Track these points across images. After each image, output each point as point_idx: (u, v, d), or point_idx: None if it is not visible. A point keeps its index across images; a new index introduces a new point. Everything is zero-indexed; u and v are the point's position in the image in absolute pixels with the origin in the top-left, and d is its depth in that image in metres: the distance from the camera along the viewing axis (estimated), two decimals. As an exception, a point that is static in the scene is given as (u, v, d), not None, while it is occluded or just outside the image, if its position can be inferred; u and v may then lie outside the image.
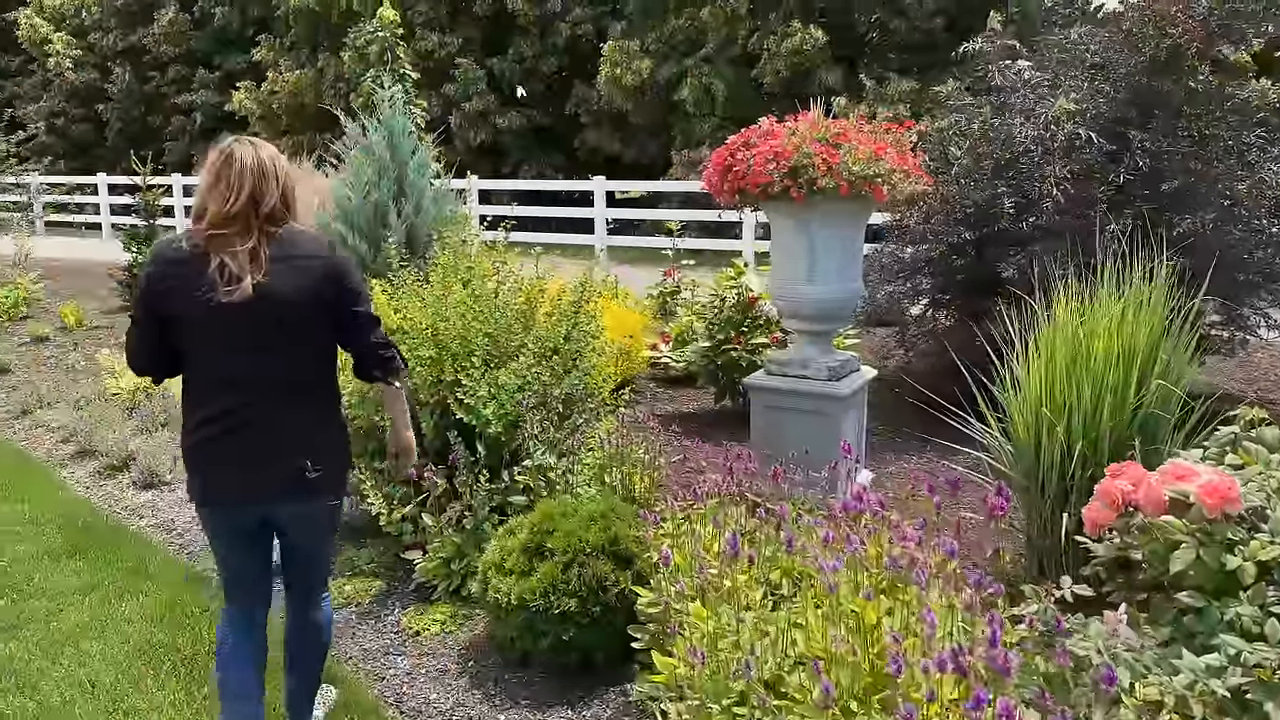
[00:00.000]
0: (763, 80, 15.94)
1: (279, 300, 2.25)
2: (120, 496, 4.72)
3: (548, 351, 3.74)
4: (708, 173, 4.29)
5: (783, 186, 3.90)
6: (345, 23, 19.44)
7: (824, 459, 4.28)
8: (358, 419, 3.70)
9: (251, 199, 2.25)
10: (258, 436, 2.30)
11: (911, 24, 15.42)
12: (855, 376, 4.39)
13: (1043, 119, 5.00)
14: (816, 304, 4.22)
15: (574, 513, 3.04)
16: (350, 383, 3.68)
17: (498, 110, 18.56)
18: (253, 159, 2.28)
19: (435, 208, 7.01)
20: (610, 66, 16.96)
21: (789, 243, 4.20)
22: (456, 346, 3.63)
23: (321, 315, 2.33)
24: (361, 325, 2.41)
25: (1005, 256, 5.27)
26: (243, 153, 2.29)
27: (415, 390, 3.63)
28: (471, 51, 18.87)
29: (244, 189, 2.24)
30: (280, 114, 20.39)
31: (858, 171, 3.88)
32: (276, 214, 2.28)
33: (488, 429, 3.53)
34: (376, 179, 6.78)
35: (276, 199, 2.28)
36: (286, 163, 2.38)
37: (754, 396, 4.46)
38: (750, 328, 5.51)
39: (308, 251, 2.32)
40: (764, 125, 4.22)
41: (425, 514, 3.52)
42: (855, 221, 4.23)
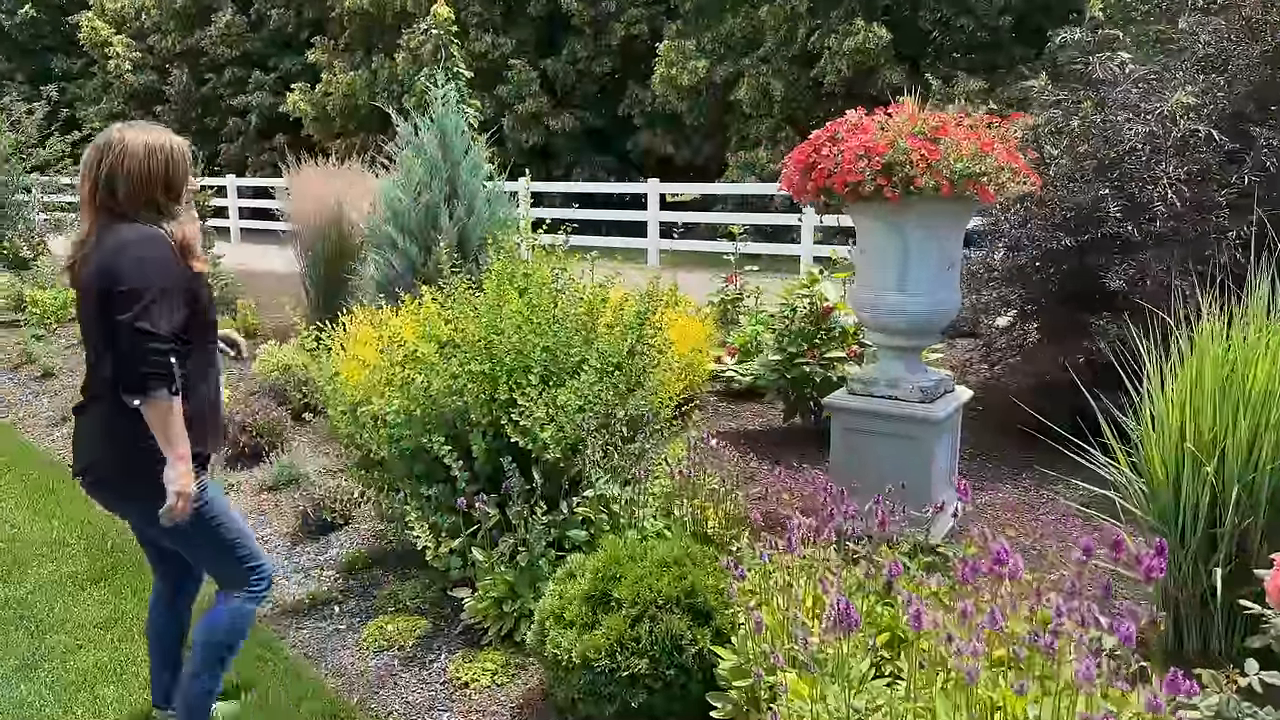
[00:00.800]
0: (823, 79, 15.45)
1: (82, 293, 2.27)
2: (154, 513, 4.45)
3: (609, 367, 3.38)
4: (787, 172, 3.90)
5: (875, 186, 3.50)
6: (399, 24, 19.36)
7: (912, 489, 3.87)
8: (404, 439, 3.36)
9: (91, 182, 2.26)
10: (77, 429, 2.43)
11: (979, 21, 14.84)
12: (949, 398, 3.96)
13: (1156, 114, 4.51)
14: (908, 317, 3.80)
15: (643, 556, 2.66)
16: (394, 400, 3.36)
17: (550, 112, 18.30)
18: (102, 141, 2.28)
19: (488, 210, 6.71)
20: (666, 66, 16.59)
21: (878, 248, 3.78)
22: (512, 361, 3.27)
23: (102, 316, 2.20)
24: (120, 334, 2.14)
25: (1111, 265, 4.79)
26: (103, 135, 2.30)
27: (466, 409, 3.28)
28: (525, 53, 18.63)
29: (85, 172, 2.27)
30: (334, 115, 20.35)
31: (961, 169, 3.46)
32: (107, 202, 2.26)
33: (544, 454, 3.17)
34: (428, 180, 6.48)
35: (102, 185, 2.25)
36: (154, 151, 2.28)
37: (835, 418, 4.05)
38: (824, 340, 5.09)
39: (107, 246, 2.21)
40: (851, 118, 3.81)
41: (476, 548, 3.16)
42: (954, 225, 3.80)
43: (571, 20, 18.32)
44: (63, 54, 25.96)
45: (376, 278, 6.69)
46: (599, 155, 19.27)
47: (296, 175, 8.01)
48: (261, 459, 4.96)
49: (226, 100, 22.84)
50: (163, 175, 2.29)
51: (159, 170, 2.29)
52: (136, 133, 2.30)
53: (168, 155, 2.31)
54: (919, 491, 3.87)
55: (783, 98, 15.85)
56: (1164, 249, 4.47)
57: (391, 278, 6.56)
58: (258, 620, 3.34)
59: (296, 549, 3.95)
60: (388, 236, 6.55)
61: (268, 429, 4.98)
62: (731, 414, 5.80)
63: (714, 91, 16.77)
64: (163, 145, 2.31)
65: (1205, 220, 4.45)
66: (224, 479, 4.77)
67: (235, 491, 4.65)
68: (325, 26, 21.51)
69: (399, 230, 6.52)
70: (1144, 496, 3.10)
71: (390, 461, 3.45)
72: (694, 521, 3.20)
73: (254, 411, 5.03)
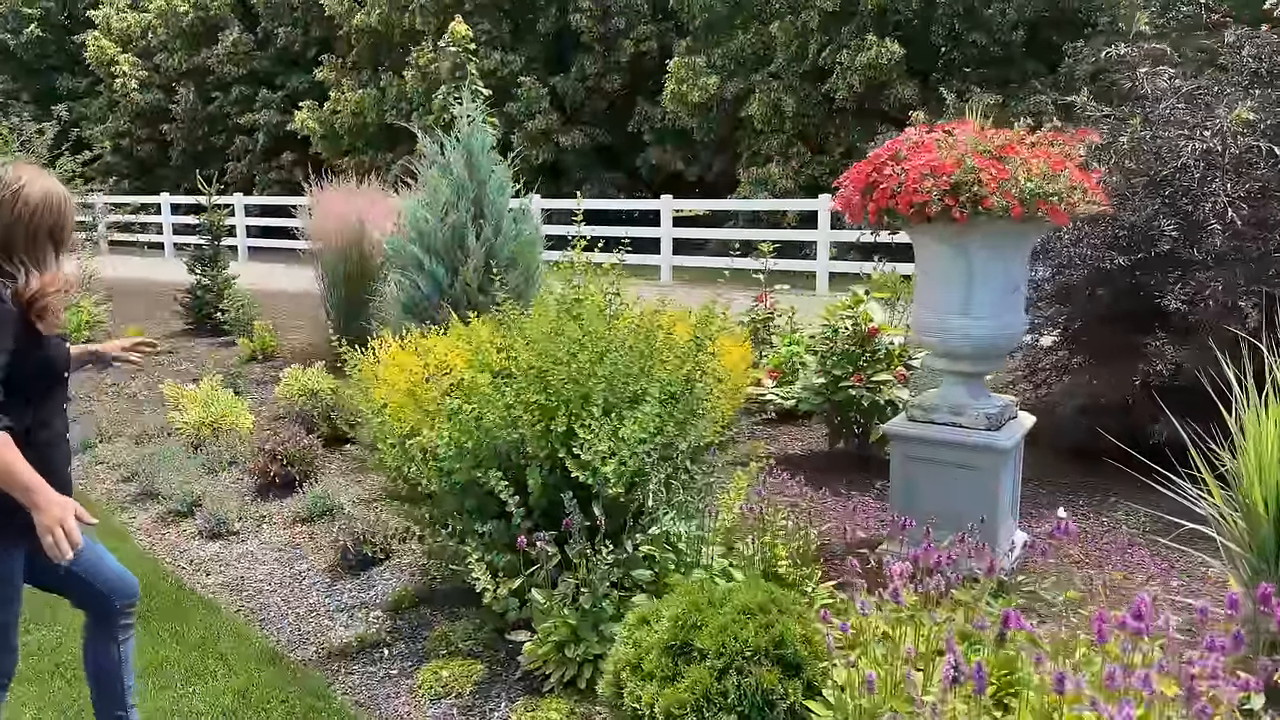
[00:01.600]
0: (835, 95, 15.38)
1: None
2: (185, 548, 4.30)
3: (669, 397, 3.24)
4: (844, 192, 3.76)
5: (943, 206, 3.37)
6: (407, 42, 19.33)
7: (977, 520, 3.72)
8: (455, 473, 3.22)
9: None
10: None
11: (992, 36, 14.78)
12: (1014, 425, 3.82)
13: (1215, 130, 4.39)
14: (973, 341, 3.66)
15: (723, 602, 2.52)
16: (445, 432, 3.22)
17: (560, 129, 18.24)
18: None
19: (514, 229, 6.59)
20: (676, 83, 16.54)
21: (942, 270, 3.65)
22: (570, 391, 3.13)
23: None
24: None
25: (1166, 285, 4.66)
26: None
27: (523, 441, 3.14)
28: (534, 70, 18.59)
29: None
30: (342, 133, 20.30)
31: (1032, 189, 3.33)
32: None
33: (607, 488, 3.02)
34: (455, 200, 6.36)
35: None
36: (27, 201, 2.22)
37: (894, 446, 3.91)
38: (869, 362, 4.95)
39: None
40: (913, 135, 3.68)
41: (535, 589, 3.02)
42: (1020, 246, 3.67)
43: (581, 37, 18.29)
44: (68, 73, 25.95)
45: (401, 299, 6.56)
46: (609, 172, 19.21)
47: (318, 194, 7.89)
48: (294, 489, 4.81)
49: (233, 118, 22.80)
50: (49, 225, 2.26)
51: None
52: (30, 181, 2.25)
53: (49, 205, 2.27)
54: (984, 524, 3.72)
55: (794, 113, 15.79)
56: (1225, 268, 4.34)
57: (417, 299, 6.43)
58: (305, 666, 3.19)
59: (337, 586, 3.80)
60: (413, 257, 6.42)
61: (299, 458, 4.83)
62: (770, 438, 5.66)
63: (724, 107, 16.71)
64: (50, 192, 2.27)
65: (1268, 238, 4.32)
66: (256, 510, 4.62)
67: (267, 524, 4.50)
68: (333, 45, 21.50)
69: (425, 251, 6.39)
70: (1240, 531, 2.96)
71: (440, 496, 3.31)
72: (764, 560, 3.05)
73: (284, 440, 4.89)
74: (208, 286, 9.57)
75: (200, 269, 9.64)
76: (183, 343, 9.25)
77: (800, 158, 15.92)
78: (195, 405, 5.64)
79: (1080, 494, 4.66)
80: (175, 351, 8.80)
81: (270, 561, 4.08)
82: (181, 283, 10.47)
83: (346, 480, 5.01)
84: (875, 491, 4.73)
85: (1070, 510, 4.48)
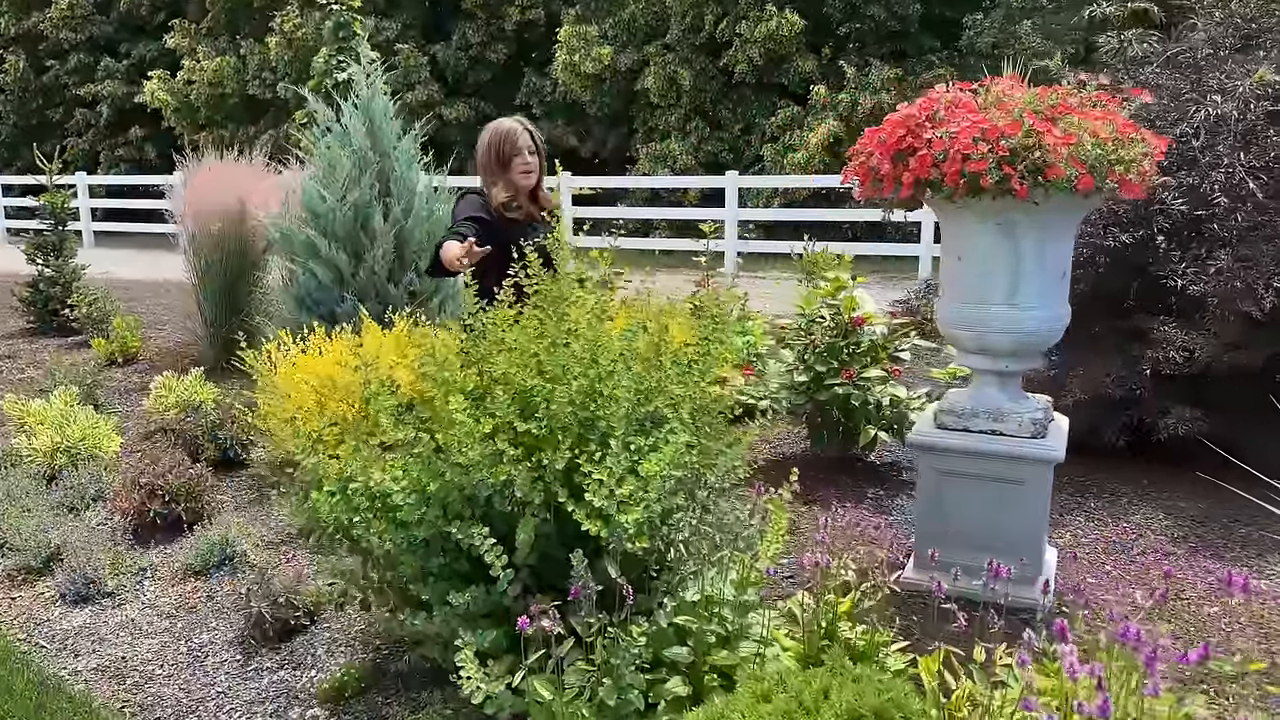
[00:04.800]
0: (733, 69, 14.89)
1: None
2: (44, 618, 3.38)
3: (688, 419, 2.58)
4: (866, 161, 3.17)
5: (1001, 175, 2.81)
6: (270, 6, 17.79)
7: (1021, 540, 3.22)
8: (417, 525, 2.48)
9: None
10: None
11: (889, 10, 14.54)
12: (1056, 430, 3.32)
13: (1236, 94, 4.00)
14: (1018, 335, 3.13)
15: (817, 709, 1.88)
16: (406, 475, 2.48)
17: (443, 100, 17.14)
18: None
19: (427, 209, 5.76)
20: (567, 53, 15.72)
21: (984, 254, 3.10)
22: (570, 418, 2.42)
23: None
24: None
25: (1168, 264, 4.27)
26: None
27: (507, 484, 2.42)
28: (412, 37, 17.41)
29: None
30: (199, 106, 18.58)
31: (1103, 156, 2.81)
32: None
33: (623, 542, 2.34)
34: (357, 174, 5.49)
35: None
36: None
37: (922, 459, 3.36)
38: (853, 356, 4.40)
39: None
40: (945, 94, 3.10)
41: (538, 680, 2.31)
42: (1070, 225, 3.16)
43: (462, 4, 17.19)
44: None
45: (295, 292, 5.65)
46: (495, 148, 18.20)
47: (188, 171, 6.82)
48: (180, 531, 3.92)
49: (72, 90, 20.63)
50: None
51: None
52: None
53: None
54: (1028, 543, 3.23)
55: (691, 87, 15.22)
56: (1246, 245, 3.97)
57: (314, 291, 5.54)
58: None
59: (253, 665, 2.98)
60: (308, 243, 5.52)
61: (185, 492, 3.94)
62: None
63: (618, 80, 15.99)
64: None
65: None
66: (134, 562, 3.72)
67: (151, 579, 3.61)
68: (184, 9, 19.66)
69: (322, 235, 5.49)
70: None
71: (396, 557, 2.55)
72: (825, 624, 2.43)
73: (164, 470, 3.98)
74: (52, 278, 8.28)
75: (42, 258, 8.33)
76: (24, 345, 7.97)
77: (699, 133, 15.39)
78: (46, 427, 4.63)
79: (1088, 496, 4.24)
80: (15, 356, 7.54)
81: (160, 633, 3.22)
82: (19, 274, 9.10)
83: (246, 515, 4.14)
84: (871, 502, 4.20)
85: (1086, 516, 4.05)
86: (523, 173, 3.38)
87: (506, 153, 3.36)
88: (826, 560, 2.40)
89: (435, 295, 5.74)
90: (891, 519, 4.02)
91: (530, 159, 3.40)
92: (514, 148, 3.36)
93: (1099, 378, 4.29)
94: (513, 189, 3.37)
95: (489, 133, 3.40)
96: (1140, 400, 4.24)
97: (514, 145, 3.36)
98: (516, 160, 3.37)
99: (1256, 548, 3.69)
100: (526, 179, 3.40)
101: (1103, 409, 4.34)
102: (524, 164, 3.38)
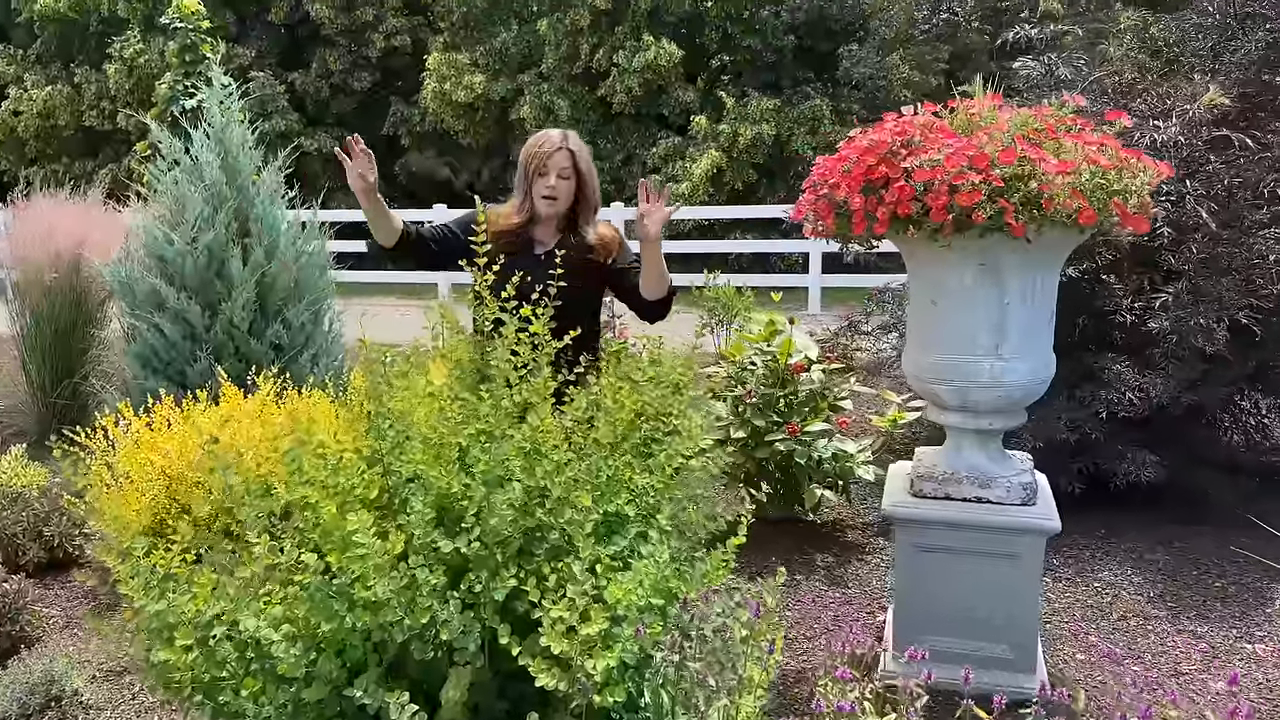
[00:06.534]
0: (611, 99, 14.55)
1: None
2: None
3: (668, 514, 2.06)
4: (822, 195, 2.73)
5: (995, 210, 2.42)
6: (108, 31, 16.46)
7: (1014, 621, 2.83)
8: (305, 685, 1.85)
9: None
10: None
11: (765, 41, 14.52)
12: (1043, 493, 2.95)
13: (1181, 116, 3.79)
14: (1005, 390, 2.75)
15: None
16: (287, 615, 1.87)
17: (303, 130, 16.16)
18: None
19: (294, 250, 5.05)
20: (438, 80, 15.09)
21: (966, 298, 2.71)
22: (512, 529, 1.86)
23: None
24: None
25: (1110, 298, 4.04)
26: None
27: (427, 627, 1.83)
28: (268, 64, 16.39)
29: None
30: (27, 138, 16.97)
31: (1107, 187, 2.46)
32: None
33: (589, 694, 1.79)
34: (210, 213, 4.75)
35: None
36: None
37: (901, 531, 2.93)
38: (791, 408, 3.98)
39: None
40: (915, 118, 2.71)
41: None
42: (1056, 263, 2.80)
43: (321, 30, 16.31)
44: None
45: (138, 350, 4.83)
46: (362, 181, 17.29)
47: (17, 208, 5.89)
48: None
49: (-125, 120, 18.57)
50: None
51: None
52: None
53: None
54: (1022, 625, 2.84)
55: (569, 117, 14.79)
56: (1204, 278, 3.74)
57: (162, 350, 4.74)
58: None
59: None
60: (152, 292, 4.72)
61: (3, 612, 3.14)
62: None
63: (492, 110, 15.43)
64: None
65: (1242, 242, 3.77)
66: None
67: (-54, 736, 2.81)
68: (8, 34, 18.01)
69: (170, 283, 4.71)
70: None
71: (276, 723, 1.92)
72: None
73: (-31, 585, 3.17)
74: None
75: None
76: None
77: (579, 164, 14.94)
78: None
79: (1050, 553, 3.90)
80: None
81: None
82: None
83: (80, 635, 3.36)
84: (823, 573, 3.76)
85: (1051, 576, 3.71)
86: (543, 197, 2.89)
87: (532, 169, 2.89)
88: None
89: (306, 349, 5.02)
90: (848, 592, 3.60)
91: (557, 183, 2.88)
92: (541, 165, 2.88)
93: (1051, 421, 3.99)
94: (527, 214, 2.91)
95: (528, 143, 2.95)
96: (1095, 445, 3.96)
97: (542, 163, 2.87)
98: (540, 182, 2.88)
99: (1238, 605, 3.42)
100: (547, 206, 2.90)
101: (1057, 455, 4.05)
102: (546, 187, 2.88)
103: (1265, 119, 4.03)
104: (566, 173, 2.90)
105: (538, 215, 2.92)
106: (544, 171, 2.87)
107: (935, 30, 12.54)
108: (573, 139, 2.96)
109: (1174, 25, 4.38)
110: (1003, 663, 2.79)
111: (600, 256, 2.95)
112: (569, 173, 2.90)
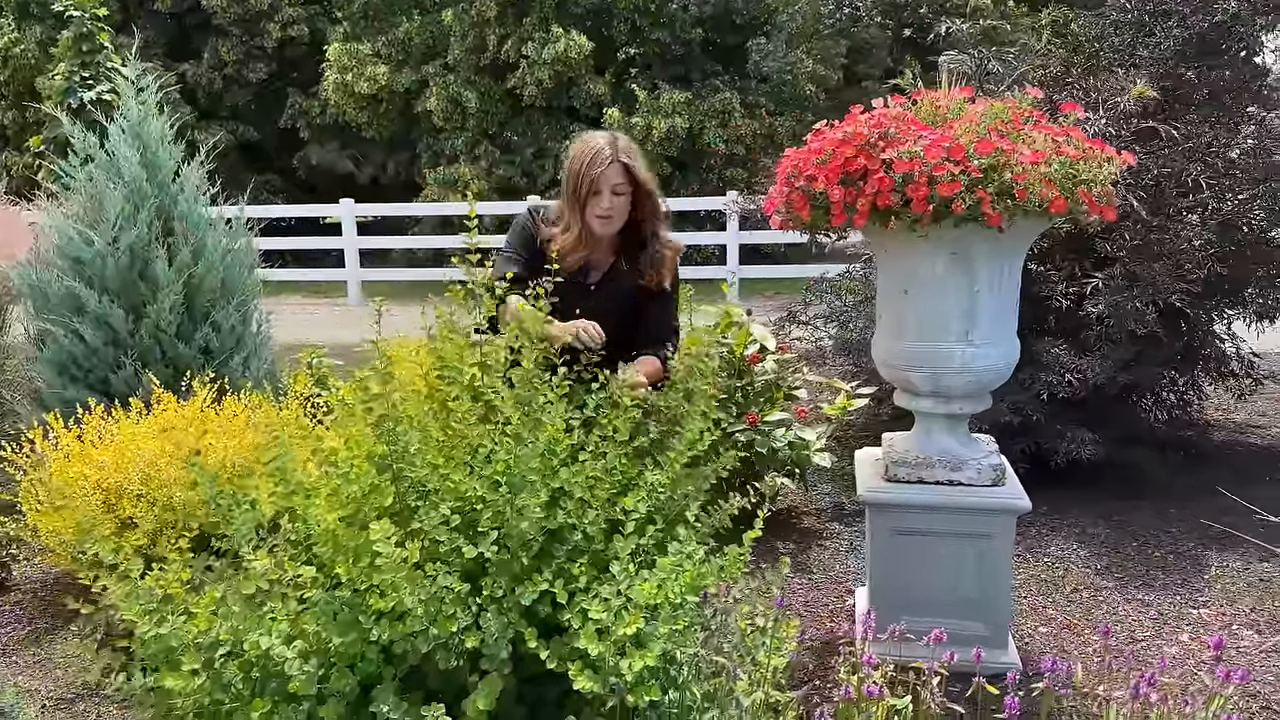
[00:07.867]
0: (521, 91, 14.38)
1: None
2: None
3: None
4: (798, 186, 2.75)
5: (973, 201, 2.48)
6: (-25, 17, 15.42)
7: (987, 600, 2.93)
8: (326, 702, 1.78)
9: None
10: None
11: (674, 34, 14.57)
12: (1010, 474, 3.05)
13: (1117, 110, 3.96)
14: (974, 374, 2.83)
15: None
16: (297, 630, 1.80)
17: (196, 124, 15.47)
18: None
19: (219, 251, 4.83)
20: (339, 72, 14.64)
21: (938, 287, 2.77)
22: (533, 530, 1.82)
23: None
24: None
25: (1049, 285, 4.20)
26: None
27: (454, 636, 1.78)
28: (155, 55, 15.62)
29: None
30: (-110, 133, 15.81)
31: (1076, 176, 2.55)
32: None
33: (622, 694, 1.77)
34: (131, 211, 4.52)
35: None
36: None
37: (875, 516, 2.99)
38: (748, 398, 4.02)
39: None
40: (886, 110, 2.76)
41: None
42: (1024, 249, 2.90)
43: (213, 19, 15.64)
44: None
45: (54, 357, 4.55)
46: (259, 174, 16.64)
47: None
48: (-79, 701, 2.89)
49: None
50: None
51: None
52: None
53: None
54: (996, 602, 2.94)
55: (477, 109, 14.57)
56: (1137, 264, 3.92)
57: (82, 356, 4.48)
58: None
59: None
60: (69, 296, 4.46)
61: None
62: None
63: (397, 101, 15.07)
64: None
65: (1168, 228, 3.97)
66: None
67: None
68: None
69: (89, 286, 4.45)
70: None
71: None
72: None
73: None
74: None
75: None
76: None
77: (490, 158, 14.75)
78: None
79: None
80: None
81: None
82: None
83: (20, 661, 3.15)
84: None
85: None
86: (598, 217, 2.60)
87: (585, 192, 2.56)
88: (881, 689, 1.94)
89: (237, 352, 4.81)
90: (815, 578, 3.66)
91: (613, 201, 2.58)
92: (593, 185, 2.56)
93: (995, 404, 4.12)
94: (584, 244, 2.61)
95: (573, 154, 2.61)
96: (1037, 426, 4.12)
97: (594, 183, 2.55)
98: (593, 203, 2.57)
99: (1178, 573, 3.60)
100: (602, 225, 2.61)
101: (1001, 436, 4.18)
102: (600, 208, 2.58)
103: (1182, 111, 4.25)
104: (621, 188, 2.59)
105: (592, 237, 2.65)
106: (598, 190, 2.57)
107: (838, 24, 12.80)
108: (623, 146, 2.63)
109: (1095, 20, 4.56)
110: (979, 639, 2.87)
111: (651, 283, 2.74)
112: (624, 187, 2.60)
